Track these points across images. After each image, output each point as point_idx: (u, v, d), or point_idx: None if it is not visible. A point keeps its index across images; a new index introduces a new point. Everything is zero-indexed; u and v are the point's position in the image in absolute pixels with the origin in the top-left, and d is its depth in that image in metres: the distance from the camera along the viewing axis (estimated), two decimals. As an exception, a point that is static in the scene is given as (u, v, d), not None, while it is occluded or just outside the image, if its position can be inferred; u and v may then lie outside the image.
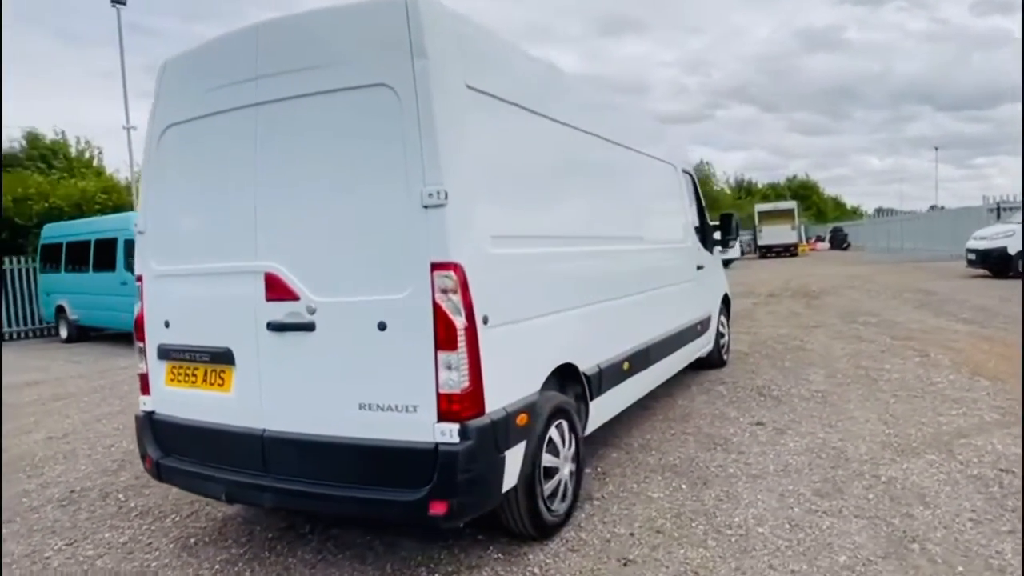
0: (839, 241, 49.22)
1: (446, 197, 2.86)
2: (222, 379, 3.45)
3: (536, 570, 3.33)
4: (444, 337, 2.87)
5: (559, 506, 3.70)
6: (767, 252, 40.19)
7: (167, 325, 3.65)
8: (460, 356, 2.87)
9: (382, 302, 2.98)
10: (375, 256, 3.00)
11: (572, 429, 3.85)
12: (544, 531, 3.57)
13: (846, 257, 36.98)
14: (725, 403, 6.33)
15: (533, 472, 3.42)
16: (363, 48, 3.04)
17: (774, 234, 40.09)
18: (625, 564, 3.37)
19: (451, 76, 3.00)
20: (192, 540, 3.90)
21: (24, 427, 6.96)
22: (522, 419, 3.27)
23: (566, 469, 3.74)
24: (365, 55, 3.03)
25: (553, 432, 3.64)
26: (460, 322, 2.88)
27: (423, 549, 3.58)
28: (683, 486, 4.34)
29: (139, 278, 3.81)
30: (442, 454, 2.87)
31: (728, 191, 66.58)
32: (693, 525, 3.76)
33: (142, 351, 3.78)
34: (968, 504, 3.83)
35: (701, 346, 6.94)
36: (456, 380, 2.87)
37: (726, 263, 23.15)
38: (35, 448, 6.13)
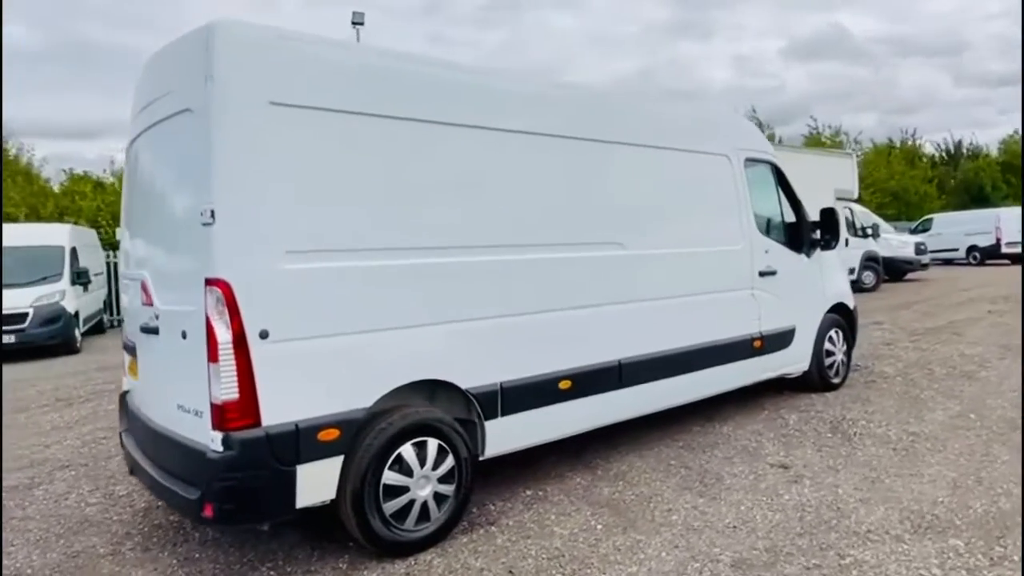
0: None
1: (212, 216, 2.95)
2: (135, 370, 3.98)
3: None
4: (212, 350, 2.98)
5: (416, 527, 3.56)
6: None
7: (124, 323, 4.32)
8: (225, 368, 2.96)
9: (183, 313, 3.20)
10: (184, 270, 3.22)
11: (448, 450, 3.67)
12: (388, 549, 3.47)
13: None
14: (773, 435, 5.34)
15: (363, 489, 3.36)
16: (182, 76, 3.27)
17: None
18: (437, 601, 3.15)
19: (246, 96, 3.06)
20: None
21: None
22: (328, 434, 3.23)
23: (424, 490, 3.57)
24: (183, 82, 3.25)
25: (407, 450, 3.51)
26: (224, 336, 2.96)
27: (274, 546, 3.72)
28: (599, 526, 3.84)
29: None
30: (208, 460, 3.00)
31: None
32: (553, 573, 3.35)
33: None
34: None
35: (772, 365, 5.90)
36: (222, 391, 2.96)
37: (918, 265, 18.79)
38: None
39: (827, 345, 6.51)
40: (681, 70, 59.61)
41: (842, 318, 6.77)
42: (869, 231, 16.96)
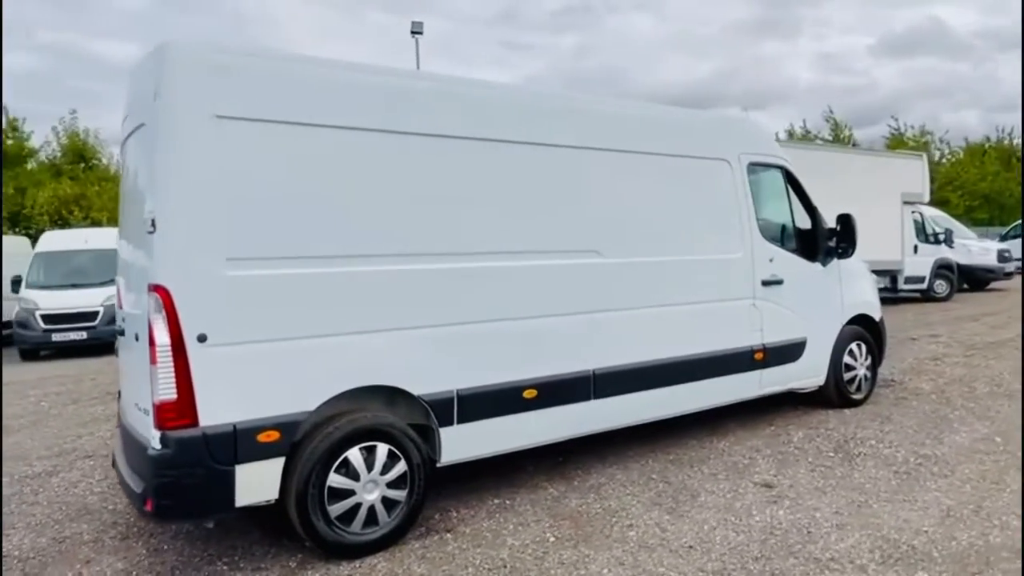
0: None
1: (154, 225, 3.12)
2: None
3: None
4: (151, 352, 3.13)
5: (364, 530, 3.62)
6: None
7: None
8: (163, 370, 3.10)
9: (136, 316, 3.39)
10: (138, 276, 3.42)
11: (400, 455, 3.72)
12: (333, 550, 3.54)
13: None
14: (770, 452, 5.10)
15: (306, 490, 3.44)
16: (141, 92, 3.48)
17: None
18: (366, 604, 3.19)
19: (190, 111, 3.21)
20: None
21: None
22: (268, 436, 3.33)
23: (372, 495, 3.62)
24: (141, 98, 3.46)
25: (354, 454, 3.58)
26: (162, 339, 3.10)
27: (236, 542, 3.86)
28: (552, 539, 3.79)
29: None
30: (148, 457, 3.16)
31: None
32: (488, 583, 3.33)
33: None
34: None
35: (778, 379, 5.63)
36: (160, 392, 3.11)
37: (1001, 274, 17.39)
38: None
39: (847, 359, 6.16)
40: (764, 70, 57.63)
41: (866, 330, 6.40)
42: (942, 237, 15.90)
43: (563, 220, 4.41)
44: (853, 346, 6.24)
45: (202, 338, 3.18)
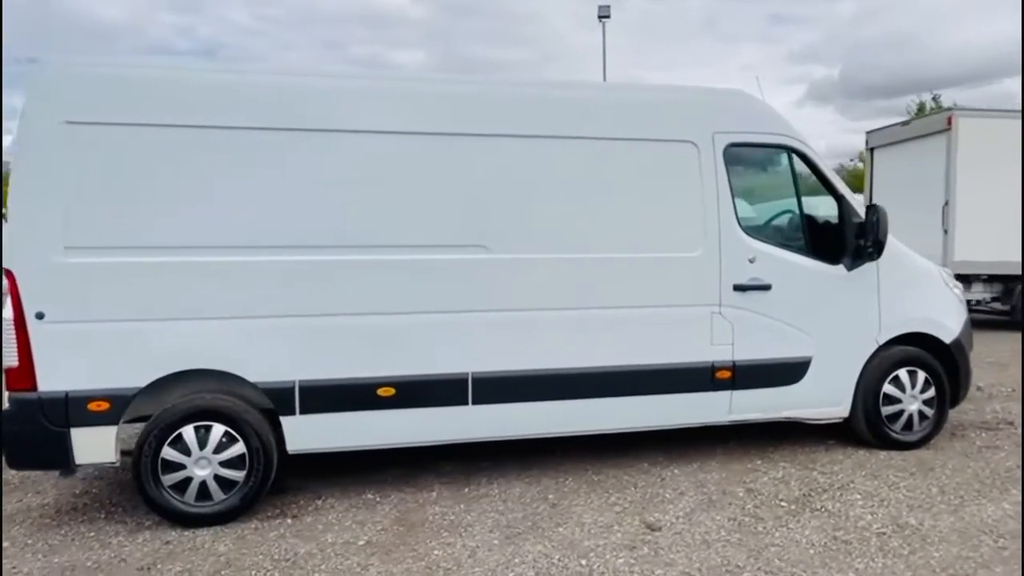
0: None
1: (4, 218, 3.66)
2: None
3: (137, 545, 3.68)
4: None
5: (198, 503, 3.87)
6: None
7: None
8: (8, 341, 3.65)
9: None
10: None
11: (239, 438, 3.91)
12: (167, 516, 3.85)
13: None
14: (712, 488, 4.30)
15: (140, 458, 3.81)
16: None
17: None
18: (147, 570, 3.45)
19: (42, 120, 3.65)
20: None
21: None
22: (98, 405, 3.73)
23: (204, 471, 3.86)
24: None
25: (187, 431, 3.85)
26: (7, 315, 3.64)
27: (102, 512, 4.24)
28: (360, 542, 3.68)
29: None
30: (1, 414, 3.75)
31: None
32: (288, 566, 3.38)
33: None
34: None
35: (759, 405, 4.64)
36: (6, 359, 3.67)
37: None
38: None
39: (888, 388, 4.87)
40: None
41: (934, 356, 4.97)
42: None
43: (438, 213, 4.15)
44: (902, 373, 4.90)
45: (40, 315, 3.67)
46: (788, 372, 4.70)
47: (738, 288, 4.56)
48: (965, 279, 9.65)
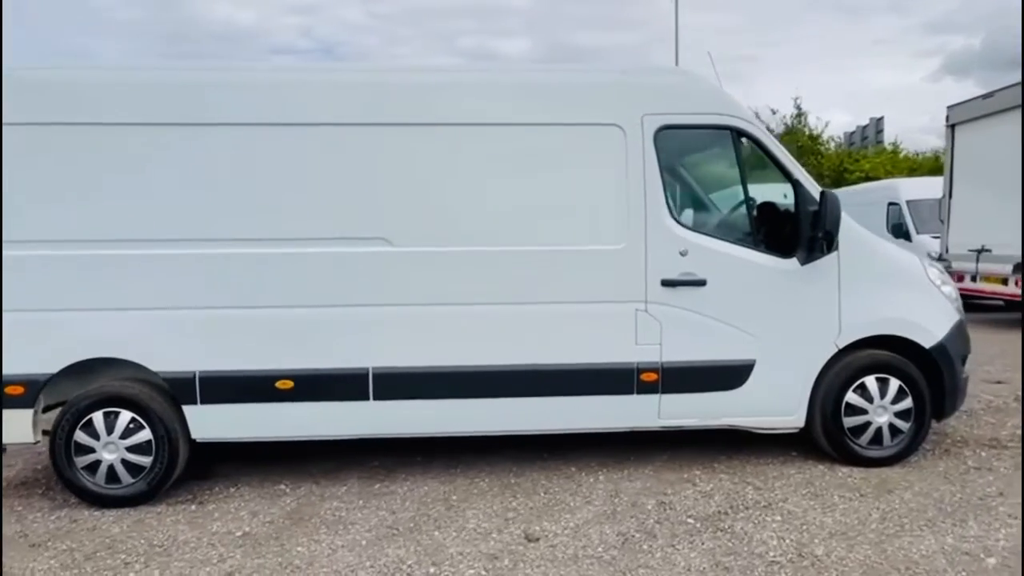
0: None
1: None
2: None
3: (47, 523, 3.92)
4: None
5: (109, 485, 4.06)
6: None
7: None
8: None
9: None
10: None
11: (146, 424, 4.06)
12: (82, 496, 4.08)
13: None
14: (626, 501, 4.00)
15: (54, 439, 4.04)
16: None
17: None
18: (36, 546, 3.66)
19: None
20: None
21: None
22: (14, 389, 3.98)
23: (112, 455, 4.04)
24: None
25: (96, 416, 4.05)
26: None
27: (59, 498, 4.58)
28: (238, 533, 3.73)
29: None
30: None
31: None
32: (125, 559, 3.50)
33: None
34: None
35: (691, 411, 4.26)
36: None
37: None
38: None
39: (851, 397, 4.34)
40: None
41: (912, 361, 4.37)
42: None
43: (338, 206, 4.09)
44: (869, 381, 4.35)
45: None
46: (726, 376, 4.28)
47: (667, 283, 4.20)
48: None
